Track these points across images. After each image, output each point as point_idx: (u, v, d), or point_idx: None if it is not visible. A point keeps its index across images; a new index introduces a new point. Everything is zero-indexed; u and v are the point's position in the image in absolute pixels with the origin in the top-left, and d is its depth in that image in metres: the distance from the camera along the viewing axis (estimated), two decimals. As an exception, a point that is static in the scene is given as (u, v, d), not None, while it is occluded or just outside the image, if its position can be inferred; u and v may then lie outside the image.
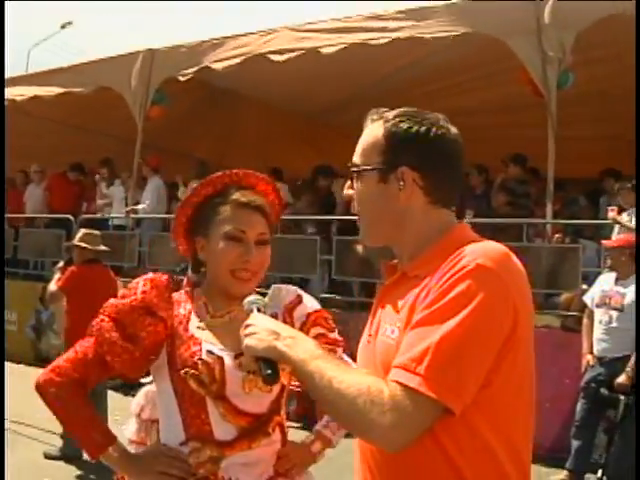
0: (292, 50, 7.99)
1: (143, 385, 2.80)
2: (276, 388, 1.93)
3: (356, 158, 1.66)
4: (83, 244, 6.15)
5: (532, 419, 1.56)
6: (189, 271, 2.07)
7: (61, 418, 1.99)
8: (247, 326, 1.64)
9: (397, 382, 1.38)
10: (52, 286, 6.23)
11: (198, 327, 1.94)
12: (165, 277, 2.01)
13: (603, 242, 6.44)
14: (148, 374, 2.05)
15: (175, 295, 2.00)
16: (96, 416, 2.02)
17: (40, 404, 2.00)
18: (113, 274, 6.54)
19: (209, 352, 1.88)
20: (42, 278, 10.45)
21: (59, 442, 6.05)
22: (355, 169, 1.66)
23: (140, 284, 1.97)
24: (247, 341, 1.60)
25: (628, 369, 5.62)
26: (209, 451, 1.88)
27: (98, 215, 11.09)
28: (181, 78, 9.40)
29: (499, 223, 8.15)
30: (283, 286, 2.13)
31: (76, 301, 5.98)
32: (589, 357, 5.91)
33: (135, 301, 1.92)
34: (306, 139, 12.79)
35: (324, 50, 7.83)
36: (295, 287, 2.14)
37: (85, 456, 5.35)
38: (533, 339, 1.53)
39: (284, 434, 2.02)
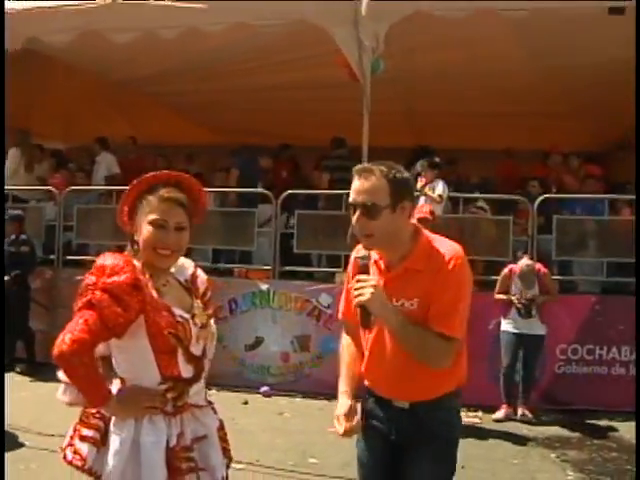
0: (130, 30, 8.23)
1: None
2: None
3: (368, 198, 2.61)
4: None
5: None
6: (128, 247, 2.64)
7: (79, 379, 2.42)
8: (362, 280, 2.58)
9: (445, 334, 2.60)
10: None
11: (158, 295, 2.51)
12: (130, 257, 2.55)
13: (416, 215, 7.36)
14: None
15: None
16: (103, 376, 2.56)
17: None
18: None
19: (180, 316, 2.51)
20: None
21: None
22: (378, 206, 2.61)
23: (121, 264, 2.46)
24: (367, 293, 2.53)
25: None
26: (181, 386, 2.53)
27: None
28: (10, 48, 9.20)
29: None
30: (186, 260, 2.78)
31: None
32: None
33: (126, 279, 2.42)
34: (117, 106, 12.86)
35: (163, 34, 8.20)
36: (191, 260, 2.82)
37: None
38: None
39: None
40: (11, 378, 8.32)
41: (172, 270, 2.69)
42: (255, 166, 10.66)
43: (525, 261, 7.50)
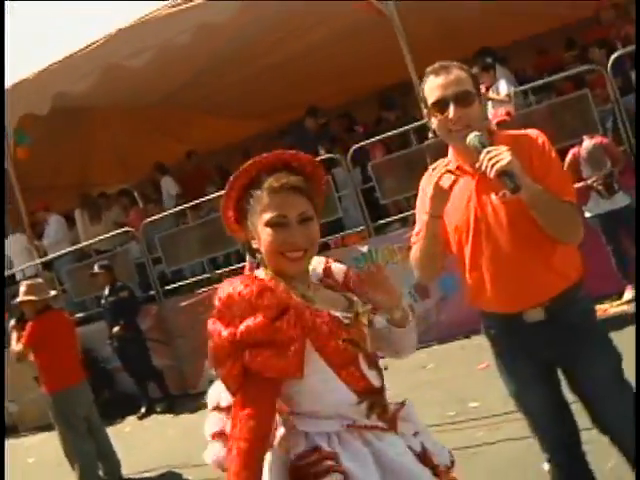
0: (144, 49, 8.05)
1: None
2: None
3: (460, 87, 2.53)
4: (30, 297, 6.21)
5: None
6: (247, 257, 2.26)
7: None
8: (494, 150, 2.36)
9: (569, 201, 2.53)
10: (16, 346, 6.33)
11: (307, 303, 2.00)
12: (255, 274, 2.06)
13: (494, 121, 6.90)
14: None
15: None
16: None
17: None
18: (67, 315, 6.70)
19: (346, 317, 2.01)
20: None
21: None
22: (471, 92, 2.55)
23: (254, 294, 1.90)
24: (506, 157, 2.32)
25: None
26: (381, 400, 2.06)
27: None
28: (38, 112, 9.21)
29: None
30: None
31: (44, 353, 6.14)
32: None
33: (265, 315, 1.88)
34: (159, 127, 12.79)
35: (178, 41, 7.99)
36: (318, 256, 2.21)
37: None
38: None
39: None
40: (154, 420, 8.39)
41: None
42: (305, 135, 10.24)
43: (588, 142, 6.95)
